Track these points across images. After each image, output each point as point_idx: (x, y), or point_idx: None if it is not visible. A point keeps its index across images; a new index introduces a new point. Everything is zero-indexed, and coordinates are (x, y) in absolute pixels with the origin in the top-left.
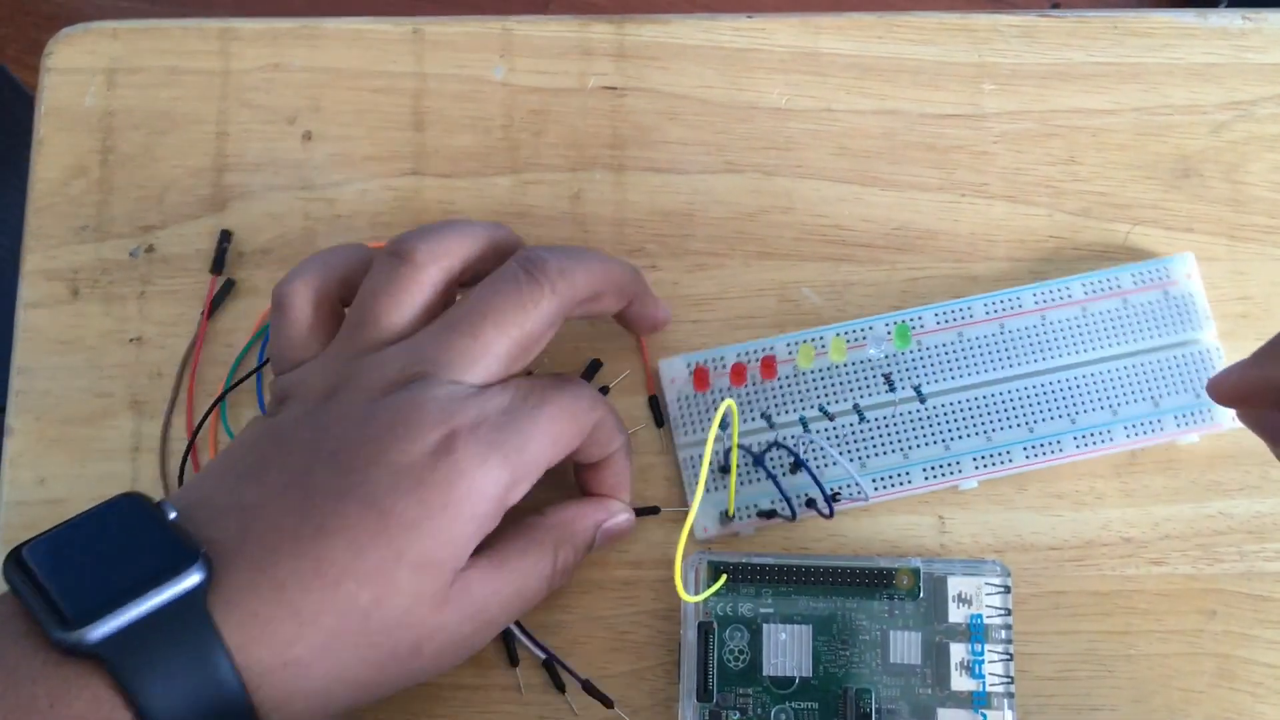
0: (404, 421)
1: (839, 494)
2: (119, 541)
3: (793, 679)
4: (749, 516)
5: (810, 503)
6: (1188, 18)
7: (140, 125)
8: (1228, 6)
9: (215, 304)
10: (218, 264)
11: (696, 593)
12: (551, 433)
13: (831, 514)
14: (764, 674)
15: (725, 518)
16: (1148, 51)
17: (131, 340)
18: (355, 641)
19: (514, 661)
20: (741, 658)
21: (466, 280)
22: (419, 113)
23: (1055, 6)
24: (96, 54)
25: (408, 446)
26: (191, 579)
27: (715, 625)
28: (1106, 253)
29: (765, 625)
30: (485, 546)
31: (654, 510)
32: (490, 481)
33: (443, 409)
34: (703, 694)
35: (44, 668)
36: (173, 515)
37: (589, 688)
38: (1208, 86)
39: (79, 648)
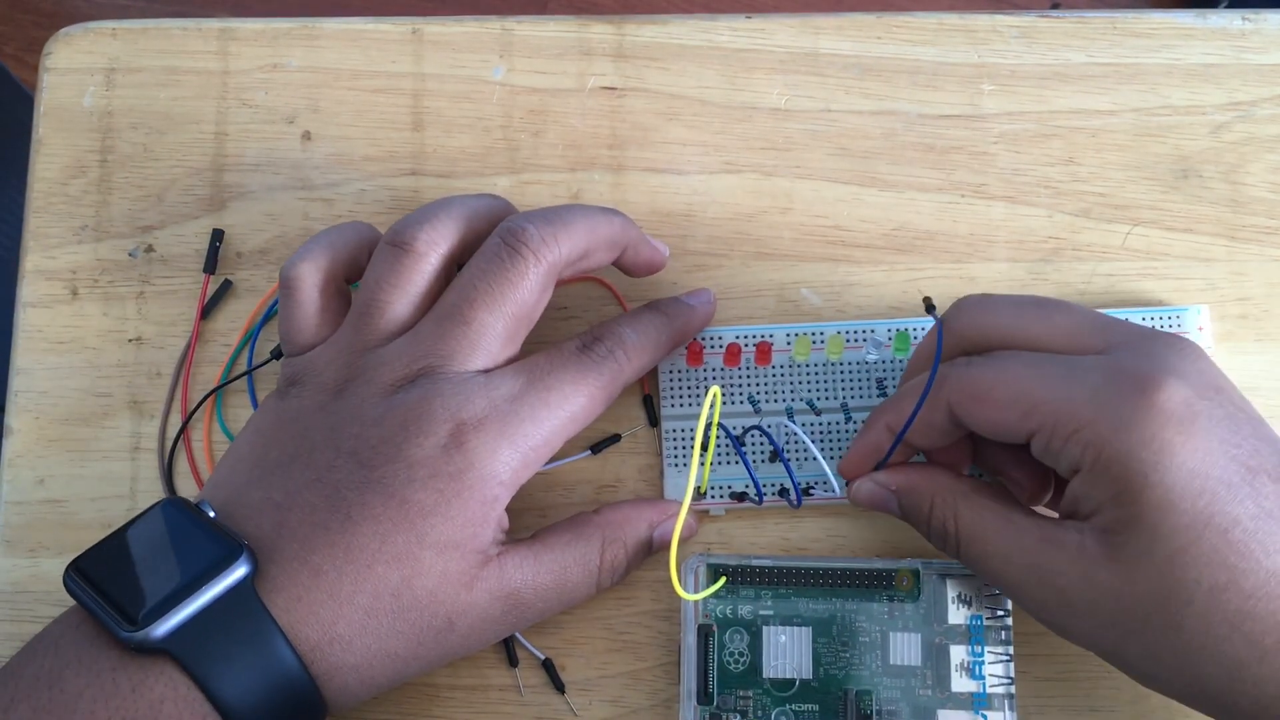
0: (415, 419)
1: (812, 488)
2: (168, 544)
3: (793, 681)
4: (721, 496)
5: (783, 492)
6: (1187, 18)
7: (139, 125)
8: (1227, 7)
9: (212, 304)
10: (210, 263)
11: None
12: (564, 413)
13: (799, 504)
14: (764, 676)
15: (697, 493)
16: (1147, 52)
17: (130, 340)
18: (390, 617)
19: (513, 662)
20: (741, 660)
21: (466, 257)
22: (418, 113)
23: (1055, 7)
24: (95, 54)
25: (422, 441)
26: (239, 571)
27: (715, 628)
28: (1106, 253)
29: (765, 627)
30: (534, 536)
31: (615, 438)
32: (501, 467)
33: (449, 403)
34: (703, 697)
35: (121, 660)
36: (212, 514)
37: (548, 666)
38: (1207, 87)
39: (146, 644)
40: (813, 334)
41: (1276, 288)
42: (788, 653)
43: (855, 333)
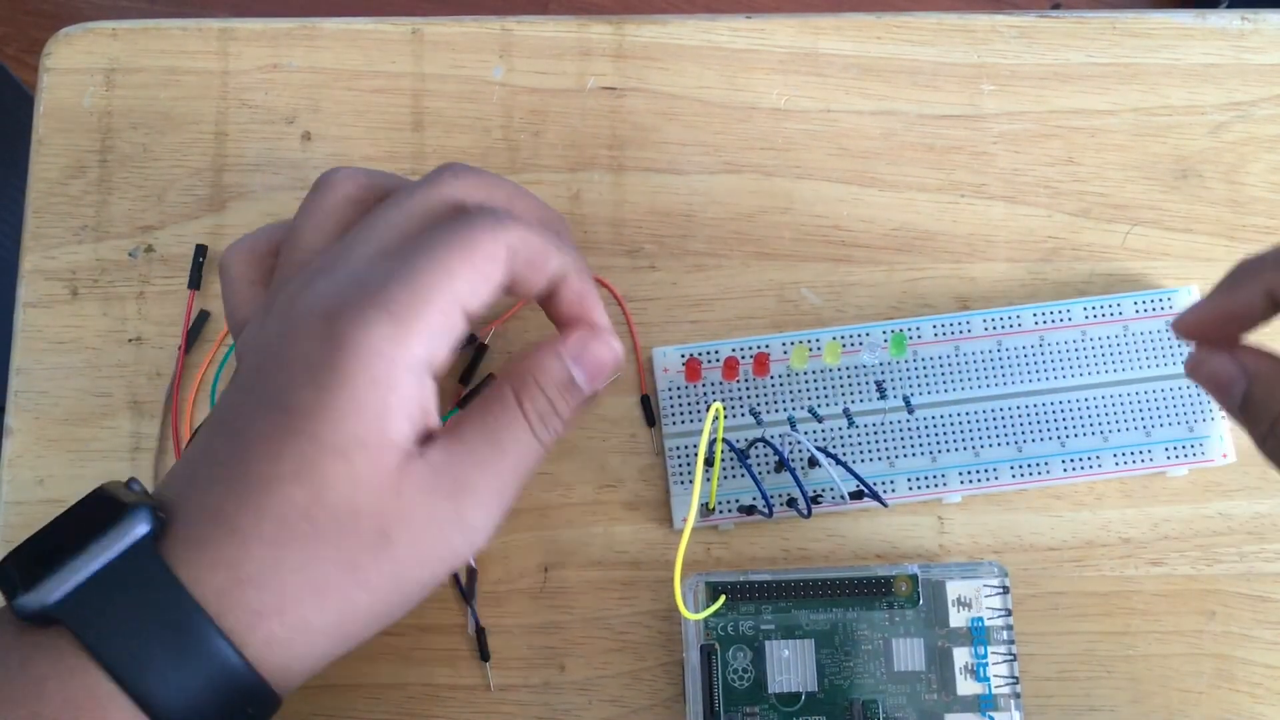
0: (291, 323)
1: (820, 496)
2: (80, 518)
3: (799, 694)
4: (730, 511)
5: (791, 502)
6: (1186, 18)
7: (139, 125)
8: (1227, 7)
9: (197, 327)
10: (194, 278)
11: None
12: (442, 267)
13: (809, 514)
14: (769, 691)
15: (705, 510)
16: (1147, 52)
17: (130, 340)
18: (306, 545)
19: (485, 656)
20: (746, 676)
21: None
22: (418, 113)
23: (1055, 7)
24: (95, 54)
25: (296, 341)
26: (138, 529)
27: (718, 646)
28: (1105, 253)
29: (767, 642)
30: (449, 422)
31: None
32: (380, 339)
33: (319, 293)
34: (709, 716)
35: (16, 636)
36: (136, 486)
37: (479, 634)
38: (1206, 87)
39: (41, 611)
40: (809, 341)
41: None
42: (791, 666)
43: (851, 337)
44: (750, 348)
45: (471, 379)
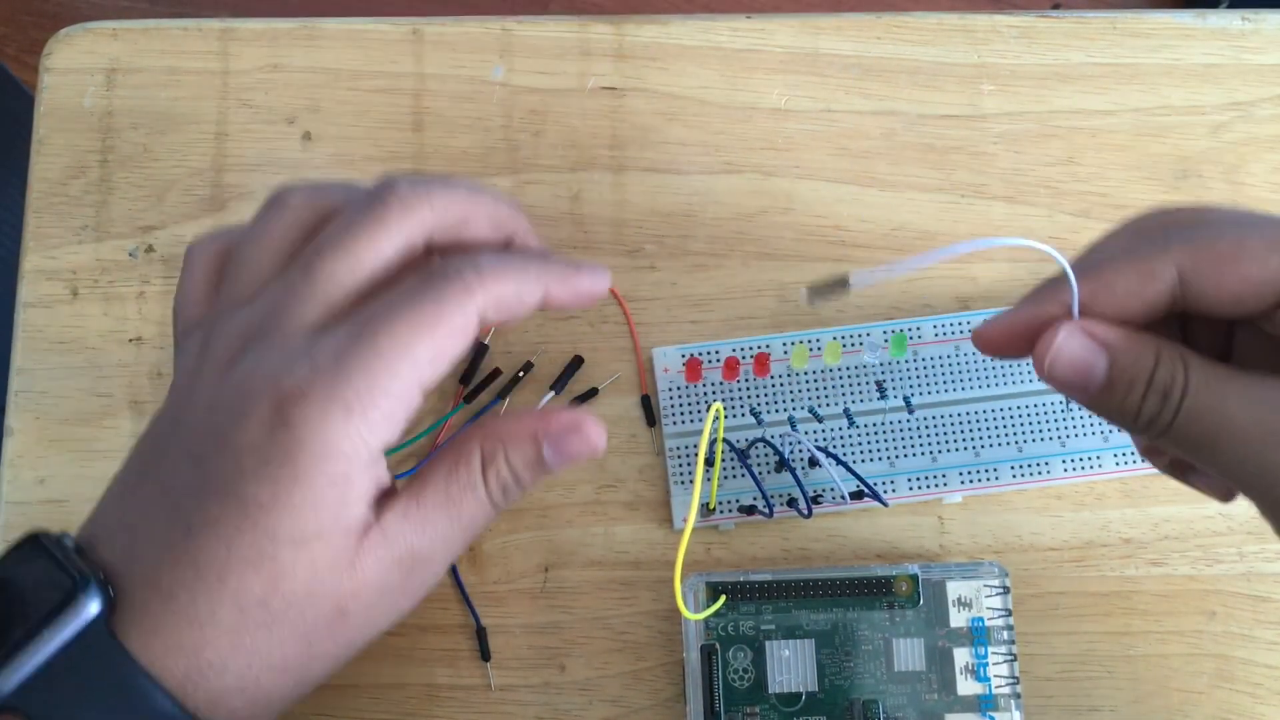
0: (240, 397)
1: (820, 496)
2: (20, 586)
3: (799, 695)
4: (730, 511)
5: (791, 502)
6: (1187, 19)
7: (139, 125)
8: (1227, 7)
9: None
10: None
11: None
12: (404, 360)
13: (810, 514)
14: (770, 691)
15: (705, 510)
16: (1147, 52)
17: (131, 340)
18: (264, 630)
19: (485, 656)
20: (746, 676)
21: None
22: (418, 113)
23: (1055, 7)
24: (96, 54)
25: (246, 424)
26: (90, 608)
27: (718, 646)
28: None
29: (768, 642)
30: (412, 480)
31: (592, 392)
32: (338, 438)
33: (270, 375)
34: (709, 716)
35: None
36: (70, 545)
37: (480, 634)
38: (1207, 87)
39: None
40: (809, 341)
41: None
42: (792, 666)
43: (852, 337)
44: (750, 348)
45: (472, 379)
